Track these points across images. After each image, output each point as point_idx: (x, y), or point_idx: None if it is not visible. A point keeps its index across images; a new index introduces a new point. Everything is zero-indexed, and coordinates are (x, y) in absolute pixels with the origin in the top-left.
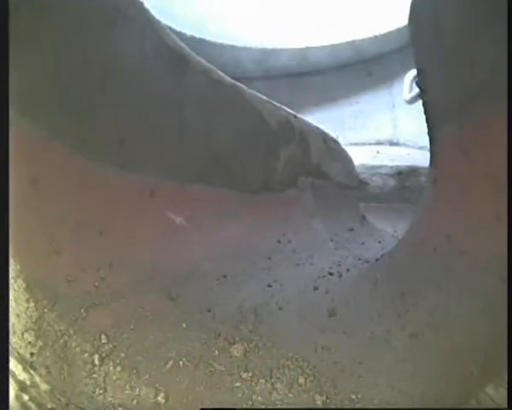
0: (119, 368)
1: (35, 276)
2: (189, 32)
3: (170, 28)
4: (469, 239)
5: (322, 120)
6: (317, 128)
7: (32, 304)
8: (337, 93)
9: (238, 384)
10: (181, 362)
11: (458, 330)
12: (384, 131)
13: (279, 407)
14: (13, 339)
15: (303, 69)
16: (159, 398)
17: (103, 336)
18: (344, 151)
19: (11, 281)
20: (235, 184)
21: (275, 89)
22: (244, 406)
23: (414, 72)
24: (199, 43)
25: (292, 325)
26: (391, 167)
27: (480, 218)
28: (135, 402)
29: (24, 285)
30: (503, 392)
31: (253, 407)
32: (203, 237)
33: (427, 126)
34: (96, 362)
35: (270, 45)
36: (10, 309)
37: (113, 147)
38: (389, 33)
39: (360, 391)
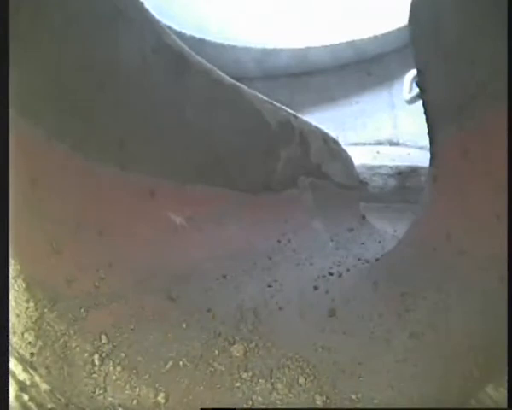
0: (119, 368)
1: (35, 276)
2: (188, 32)
3: (170, 28)
4: (469, 239)
5: (322, 120)
6: (317, 128)
7: (31, 304)
8: (337, 93)
9: (238, 384)
10: (181, 362)
11: (458, 330)
12: (384, 131)
13: (279, 407)
14: (13, 339)
15: (303, 69)
16: (159, 398)
17: (103, 336)
18: (344, 151)
19: (11, 281)
20: (236, 184)
21: (275, 89)
22: (244, 406)
23: (414, 72)
24: (199, 43)
25: (292, 325)
26: (391, 167)
27: (479, 218)
28: (135, 402)
29: (24, 285)
30: (503, 392)
31: (253, 407)
32: (203, 237)
33: (427, 127)
34: (96, 362)
35: (270, 45)
36: (10, 309)
37: (113, 147)
38: (389, 33)
39: (360, 391)
